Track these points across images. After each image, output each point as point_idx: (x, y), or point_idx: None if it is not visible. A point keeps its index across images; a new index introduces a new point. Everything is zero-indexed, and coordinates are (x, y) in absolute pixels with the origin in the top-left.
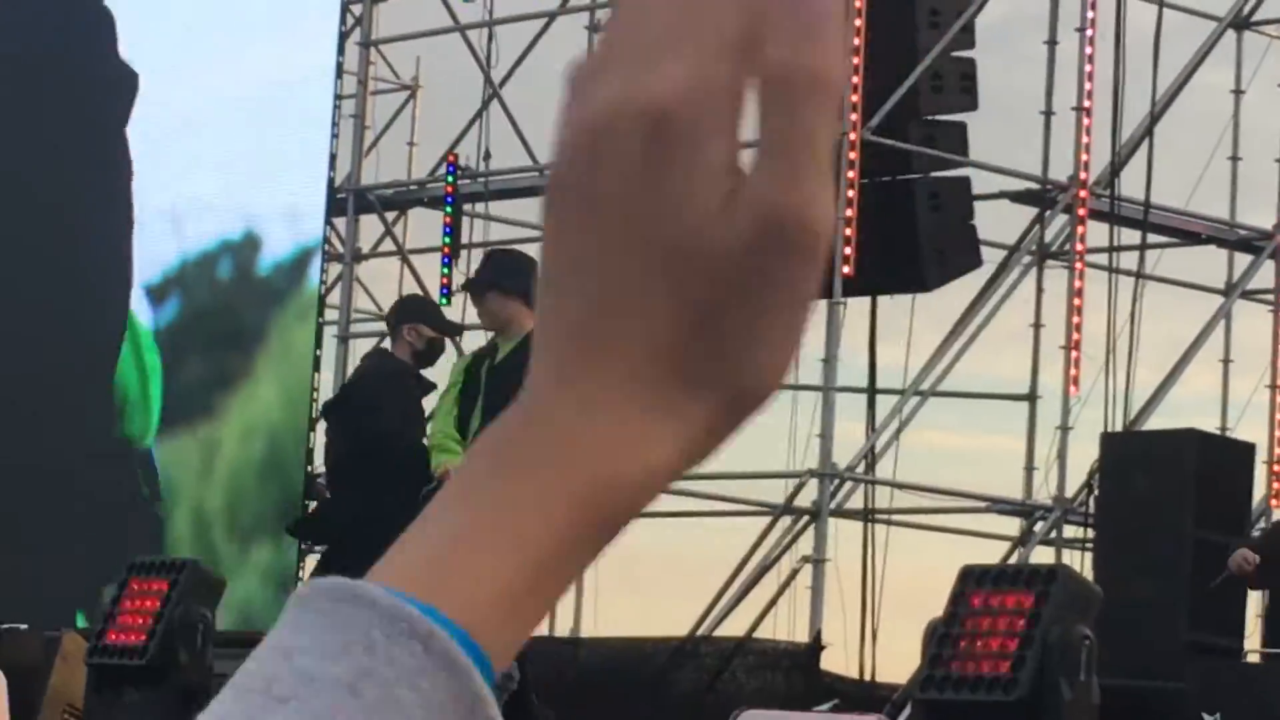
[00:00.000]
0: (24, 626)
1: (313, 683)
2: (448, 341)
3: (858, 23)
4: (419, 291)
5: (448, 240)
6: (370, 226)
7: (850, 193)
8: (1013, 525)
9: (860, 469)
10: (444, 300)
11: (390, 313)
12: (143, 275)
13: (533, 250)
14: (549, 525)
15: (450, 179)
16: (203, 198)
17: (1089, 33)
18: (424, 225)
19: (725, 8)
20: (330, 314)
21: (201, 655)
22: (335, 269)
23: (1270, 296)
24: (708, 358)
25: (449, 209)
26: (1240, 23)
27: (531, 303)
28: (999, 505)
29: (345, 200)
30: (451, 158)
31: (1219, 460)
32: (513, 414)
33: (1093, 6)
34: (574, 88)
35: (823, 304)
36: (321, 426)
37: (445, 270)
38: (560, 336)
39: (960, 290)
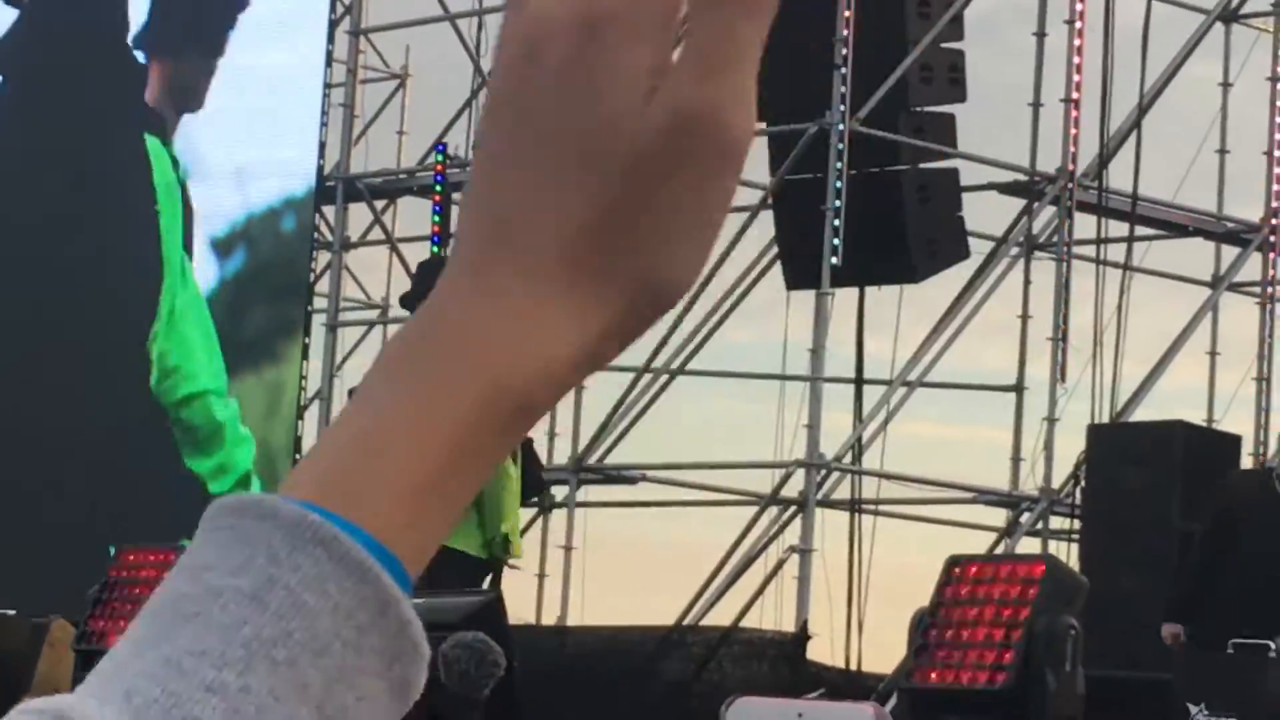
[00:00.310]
0: (11, 613)
1: (219, 597)
2: None
3: (847, 14)
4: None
5: (437, 222)
6: (359, 215)
7: (839, 184)
8: (999, 516)
9: (847, 459)
10: None
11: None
12: (210, 229)
13: None
14: (449, 422)
15: (440, 158)
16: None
17: (1078, 25)
18: (413, 214)
19: None
20: (319, 302)
21: None
22: (324, 257)
23: (1257, 289)
24: (616, 252)
25: (439, 188)
26: (1228, 15)
27: None
28: (985, 496)
29: (334, 189)
30: (440, 147)
31: (1205, 452)
32: (419, 312)
33: None
34: (514, 3)
35: (811, 294)
36: (310, 415)
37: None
38: (473, 233)
39: (948, 281)
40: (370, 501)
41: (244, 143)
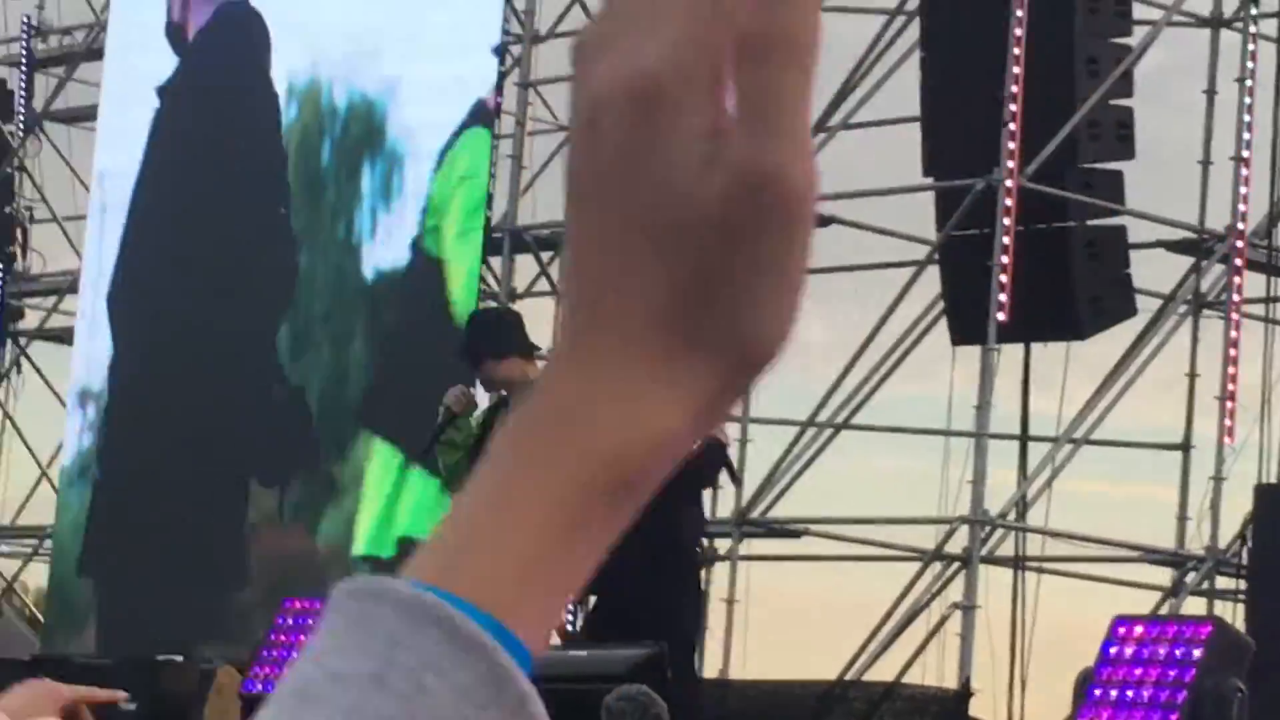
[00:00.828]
0: (180, 659)
1: (341, 680)
2: None
3: (1016, 70)
4: None
5: None
6: (526, 266)
7: (1006, 240)
8: (1165, 575)
9: (1011, 516)
10: None
11: None
12: None
13: None
14: (559, 498)
15: None
16: None
17: (1248, 83)
18: None
19: None
20: None
21: None
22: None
23: None
24: (706, 320)
25: None
26: None
27: (525, 353)
28: (1151, 555)
29: (501, 240)
30: None
31: None
32: (530, 394)
33: (1253, 57)
34: (578, 65)
35: (977, 350)
36: None
37: None
38: (569, 316)
39: (1114, 339)
40: (485, 580)
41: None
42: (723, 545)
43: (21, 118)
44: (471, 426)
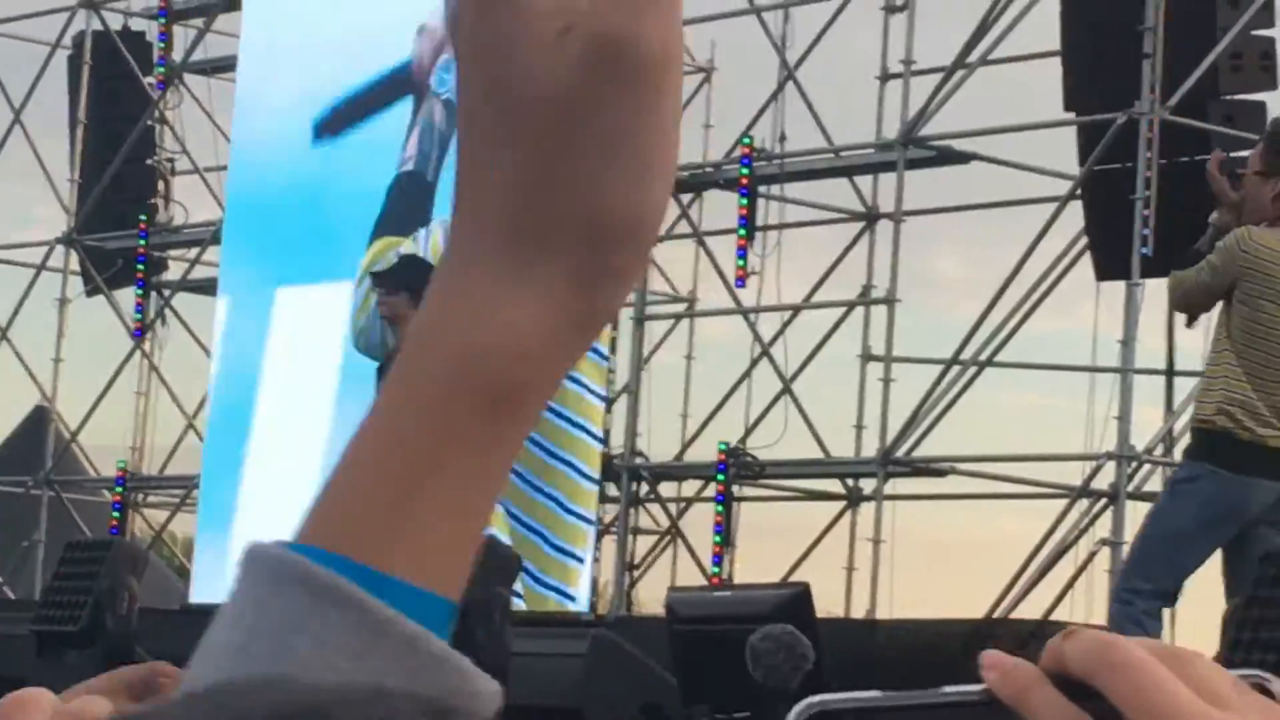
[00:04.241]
0: None
1: (213, 654)
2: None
3: (1156, 1)
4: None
5: (743, 211)
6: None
7: (1149, 173)
8: None
9: (1158, 451)
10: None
11: None
12: None
13: (833, 230)
14: (416, 421)
15: (746, 149)
16: None
17: None
18: (719, 207)
19: None
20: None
21: None
22: None
23: None
24: (553, 209)
25: (744, 179)
26: None
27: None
28: None
29: None
30: (746, 139)
31: None
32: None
33: None
34: None
35: (1121, 285)
36: (618, 409)
37: (740, 262)
38: (449, 231)
39: None
40: (349, 524)
41: None
42: (868, 485)
43: (161, 70)
44: None
